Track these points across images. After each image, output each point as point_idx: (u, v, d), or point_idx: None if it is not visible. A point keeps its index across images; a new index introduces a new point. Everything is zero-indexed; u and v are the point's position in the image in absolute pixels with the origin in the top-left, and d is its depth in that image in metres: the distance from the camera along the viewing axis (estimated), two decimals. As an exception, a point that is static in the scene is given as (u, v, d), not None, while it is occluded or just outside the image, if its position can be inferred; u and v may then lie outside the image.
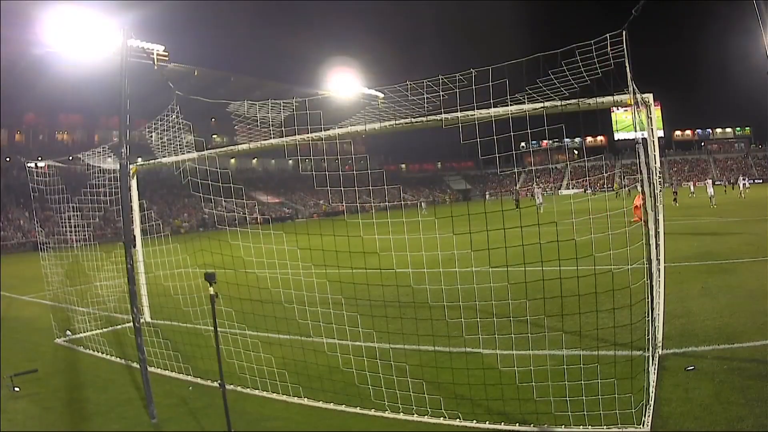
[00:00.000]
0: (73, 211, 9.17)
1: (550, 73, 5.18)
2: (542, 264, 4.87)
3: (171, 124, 7.89)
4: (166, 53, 53.08)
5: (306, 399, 5.38)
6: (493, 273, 6.33)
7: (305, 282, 6.61)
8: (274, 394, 5.56)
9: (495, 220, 5.14)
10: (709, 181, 34.10)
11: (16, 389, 6.17)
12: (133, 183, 9.30)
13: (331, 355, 6.11)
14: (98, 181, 8.87)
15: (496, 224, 5.08)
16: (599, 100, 5.52)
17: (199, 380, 6.17)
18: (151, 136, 8.62)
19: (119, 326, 9.18)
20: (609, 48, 4.86)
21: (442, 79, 5.50)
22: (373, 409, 5.00)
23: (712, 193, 29.75)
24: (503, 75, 5.12)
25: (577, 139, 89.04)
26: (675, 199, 32.53)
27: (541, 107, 5.60)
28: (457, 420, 4.63)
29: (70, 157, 9.92)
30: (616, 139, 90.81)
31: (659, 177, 6.08)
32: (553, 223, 4.79)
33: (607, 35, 4.83)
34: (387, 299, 7.01)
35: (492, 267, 6.00)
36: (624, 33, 4.79)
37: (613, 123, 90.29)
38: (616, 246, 4.90)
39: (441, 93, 5.58)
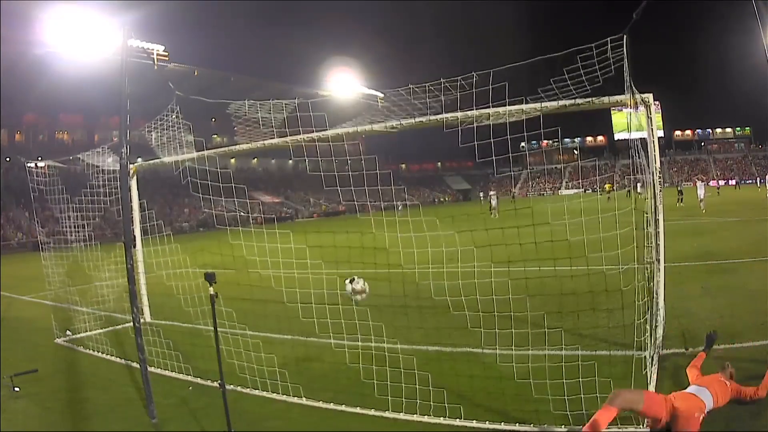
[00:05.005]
0: (73, 211, 9.17)
1: (551, 82, 5.18)
2: (540, 264, 4.88)
3: (171, 124, 7.89)
4: (166, 53, 53.11)
5: (306, 399, 5.38)
6: (492, 273, 6.33)
7: (304, 282, 6.61)
8: (274, 394, 5.56)
9: (495, 220, 5.14)
10: (700, 183, 29.31)
11: (16, 389, 6.17)
12: (133, 183, 9.30)
13: (332, 355, 6.12)
14: (98, 181, 8.87)
15: (495, 224, 5.09)
16: (599, 100, 5.52)
17: (199, 380, 6.17)
18: (151, 136, 8.62)
19: (119, 326, 9.18)
20: (610, 52, 4.86)
21: (443, 82, 5.50)
22: (373, 409, 5.00)
23: (702, 196, 26.33)
24: (504, 78, 5.12)
25: (576, 140, 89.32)
26: (680, 199, 30.12)
27: (541, 107, 5.59)
28: (458, 420, 4.64)
29: (70, 157, 9.92)
30: (616, 139, 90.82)
31: (659, 177, 6.08)
32: (550, 224, 4.80)
33: (608, 39, 4.82)
34: (386, 299, 7.02)
35: (492, 267, 6.01)
36: (625, 37, 4.79)
37: (614, 124, 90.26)
38: (616, 246, 4.90)
39: (443, 98, 5.59)
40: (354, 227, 5.97)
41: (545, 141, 66.96)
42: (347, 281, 6.29)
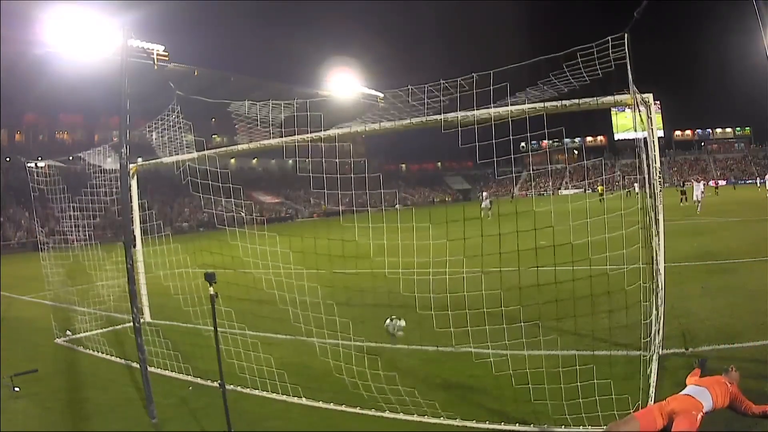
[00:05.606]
0: (73, 211, 9.17)
1: (551, 76, 5.18)
2: (537, 265, 4.87)
3: (171, 124, 7.89)
4: (166, 53, 53.05)
5: (306, 399, 5.38)
6: (493, 274, 6.34)
7: (304, 283, 6.61)
8: (274, 394, 5.57)
9: (494, 221, 5.15)
10: (697, 183, 28.51)
11: (16, 389, 6.17)
12: (133, 183, 9.30)
13: (331, 355, 6.11)
14: (98, 181, 8.87)
15: (495, 225, 5.09)
16: (599, 100, 5.52)
17: (199, 380, 6.17)
18: (152, 136, 8.63)
19: (119, 326, 9.18)
20: (610, 51, 4.86)
21: (443, 83, 5.50)
22: (372, 409, 5.00)
23: (699, 197, 25.45)
24: (505, 78, 5.12)
25: (577, 139, 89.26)
26: (683, 199, 29.60)
27: (542, 107, 5.59)
28: (457, 420, 4.64)
29: (70, 157, 9.92)
30: (616, 139, 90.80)
31: (659, 177, 6.08)
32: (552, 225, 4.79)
33: (609, 38, 4.82)
34: (387, 300, 7.01)
35: (492, 268, 6.01)
36: (626, 36, 4.78)
37: (614, 124, 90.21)
38: (615, 247, 4.90)
39: (442, 98, 5.58)
40: (350, 231, 5.95)
41: (545, 141, 66.97)
42: (390, 320, 5.85)
